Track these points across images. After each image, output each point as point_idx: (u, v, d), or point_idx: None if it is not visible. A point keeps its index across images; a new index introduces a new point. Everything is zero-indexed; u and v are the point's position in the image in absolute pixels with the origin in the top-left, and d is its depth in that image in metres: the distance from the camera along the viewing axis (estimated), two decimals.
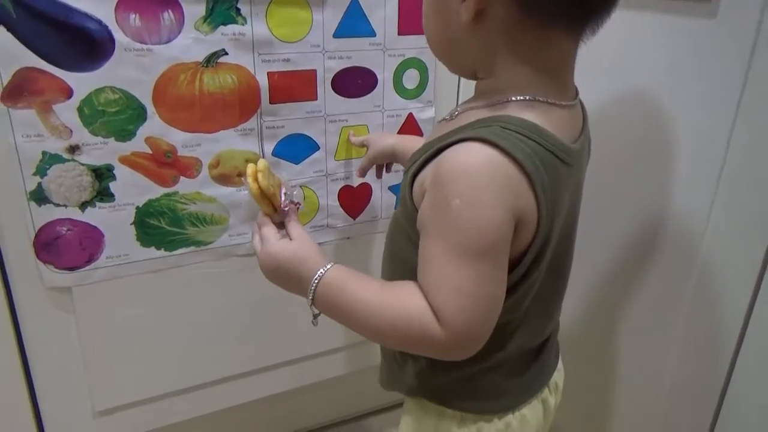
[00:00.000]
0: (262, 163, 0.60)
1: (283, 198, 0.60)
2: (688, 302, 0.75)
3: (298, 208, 0.62)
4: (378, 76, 0.89)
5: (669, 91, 0.74)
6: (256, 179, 0.58)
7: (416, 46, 0.89)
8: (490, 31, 0.50)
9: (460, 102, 0.63)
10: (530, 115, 0.49)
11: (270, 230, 0.59)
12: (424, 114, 0.95)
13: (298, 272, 0.55)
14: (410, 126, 0.94)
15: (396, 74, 0.90)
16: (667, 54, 0.73)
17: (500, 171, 0.46)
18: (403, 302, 0.50)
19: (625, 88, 0.80)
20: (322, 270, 0.54)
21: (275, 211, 0.60)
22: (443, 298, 0.48)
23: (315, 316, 0.56)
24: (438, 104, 0.95)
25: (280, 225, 0.61)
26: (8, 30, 0.65)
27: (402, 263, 0.58)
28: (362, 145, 0.88)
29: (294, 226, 0.60)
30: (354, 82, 0.87)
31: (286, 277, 0.56)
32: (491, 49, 0.51)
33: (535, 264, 0.52)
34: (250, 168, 0.59)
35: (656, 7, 0.73)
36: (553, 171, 0.49)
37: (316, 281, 0.53)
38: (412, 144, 0.80)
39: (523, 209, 0.47)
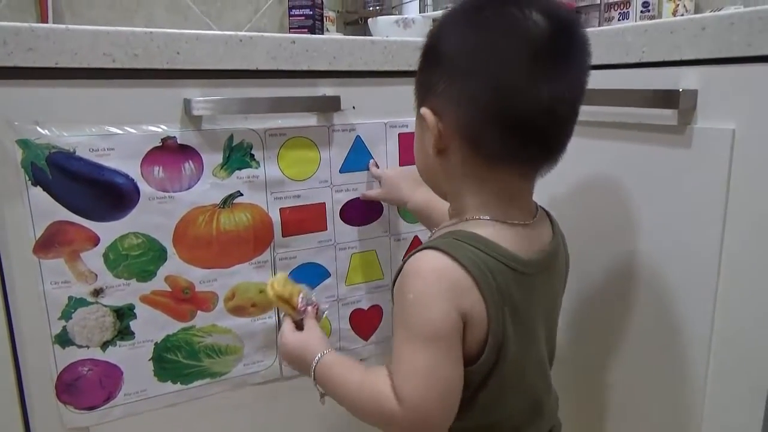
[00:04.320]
0: (280, 274, 0.77)
1: (300, 300, 0.73)
2: None
3: (317, 310, 0.75)
4: (383, 204, 0.95)
5: (650, 222, 0.76)
6: (273, 287, 0.73)
7: None
8: (452, 164, 0.62)
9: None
10: (482, 231, 0.60)
11: (287, 325, 0.74)
12: (428, 235, 0.99)
13: (304, 357, 0.69)
14: (416, 246, 0.98)
15: None
16: (645, 183, 0.76)
17: (447, 274, 0.56)
18: (373, 383, 0.60)
19: (605, 218, 0.83)
20: (319, 355, 0.67)
21: (294, 310, 0.73)
22: (401, 378, 0.57)
23: (321, 396, 0.68)
24: None
25: (301, 322, 0.74)
26: (44, 190, 0.71)
27: None
28: (376, 177, 0.91)
29: (307, 321, 0.73)
30: (361, 211, 0.93)
31: (296, 361, 0.70)
32: (454, 178, 0.63)
33: (501, 358, 0.58)
34: (270, 279, 0.75)
35: (630, 138, 0.78)
36: (502, 277, 0.58)
37: (315, 363, 0.67)
38: (437, 212, 0.83)
39: (470, 306, 0.56)
